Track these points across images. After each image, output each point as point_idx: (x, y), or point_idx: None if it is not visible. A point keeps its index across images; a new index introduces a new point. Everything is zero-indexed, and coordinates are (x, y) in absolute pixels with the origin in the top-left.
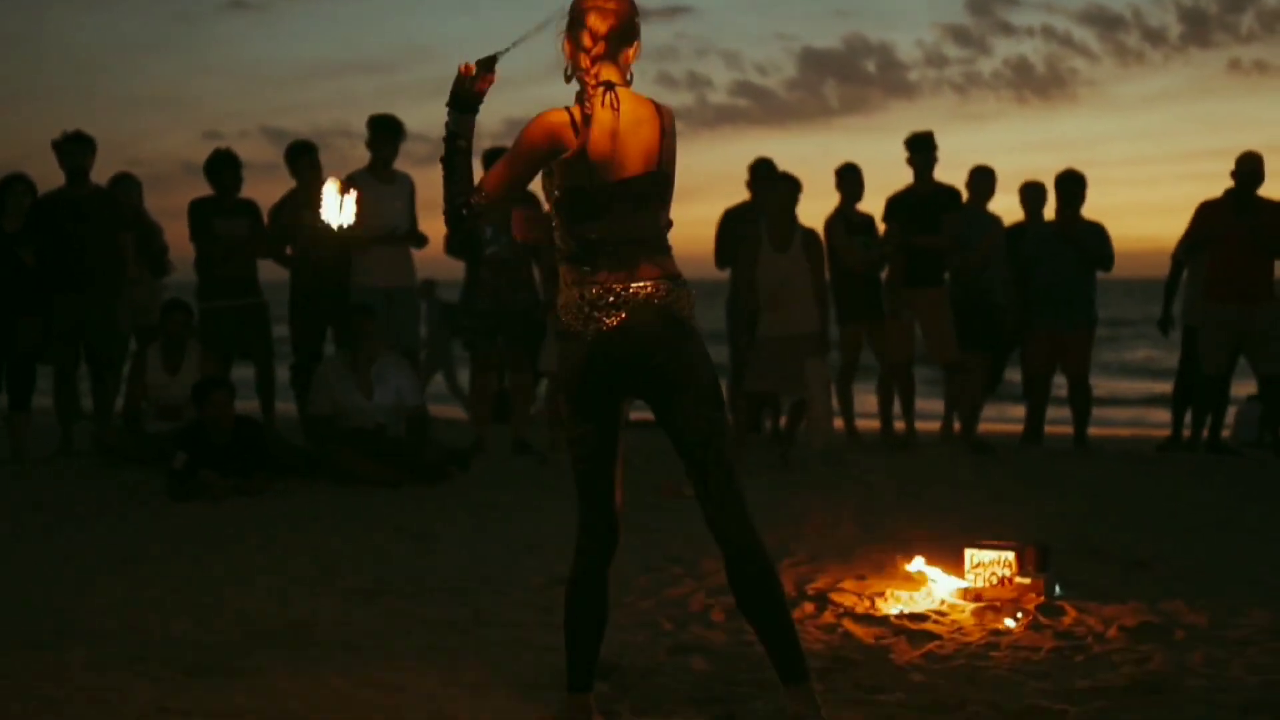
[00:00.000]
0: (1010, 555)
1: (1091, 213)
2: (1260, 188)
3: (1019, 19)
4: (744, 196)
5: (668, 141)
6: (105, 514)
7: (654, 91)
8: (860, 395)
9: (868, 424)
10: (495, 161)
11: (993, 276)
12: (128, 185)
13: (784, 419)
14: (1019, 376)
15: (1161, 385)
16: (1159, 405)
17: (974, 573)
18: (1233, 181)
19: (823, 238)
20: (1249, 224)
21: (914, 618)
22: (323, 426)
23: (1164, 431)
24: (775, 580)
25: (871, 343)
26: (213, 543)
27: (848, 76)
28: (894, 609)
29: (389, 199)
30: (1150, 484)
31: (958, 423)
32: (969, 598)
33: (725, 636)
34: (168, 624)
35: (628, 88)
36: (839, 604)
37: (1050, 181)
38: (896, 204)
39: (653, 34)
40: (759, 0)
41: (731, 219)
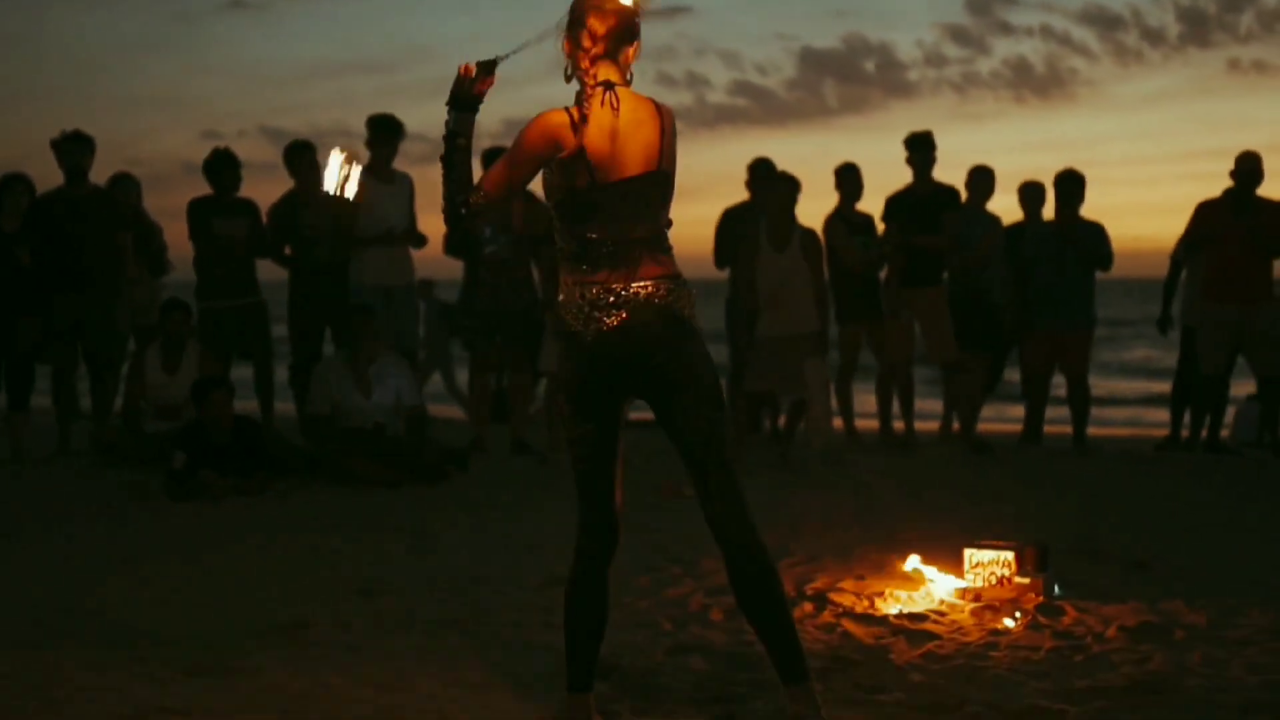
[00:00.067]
0: (1009, 555)
1: (1090, 212)
2: (1259, 187)
3: (1018, 19)
4: (743, 196)
5: (668, 141)
6: (104, 514)
7: (653, 91)
8: (859, 395)
9: (867, 424)
10: (495, 161)
11: (992, 276)
12: (127, 185)
13: (783, 419)
14: (1018, 376)
15: (1160, 385)
16: (1158, 405)
17: (973, 572)
18: (1232, 181)
19: (822, 237)
20: (1248, 224)
21: (913, 618)
22: (322, 426)
23: (1162, 431)
24: (776, 580)
25: (871, 343)
26: (212, 543)
27: (847, 76)
28: (893, 609)
29: (388, 199)
30: (1149, 484)
31: (957, 423)
32: (968, 597)
33: (725, 636)
34: (167, 624)
35: (628, 87)
36: (838, 604)
37: (1049, 181)
38: (896, 204)
39: (652, 34)
40: (758, 0)
41: (731, 219)
